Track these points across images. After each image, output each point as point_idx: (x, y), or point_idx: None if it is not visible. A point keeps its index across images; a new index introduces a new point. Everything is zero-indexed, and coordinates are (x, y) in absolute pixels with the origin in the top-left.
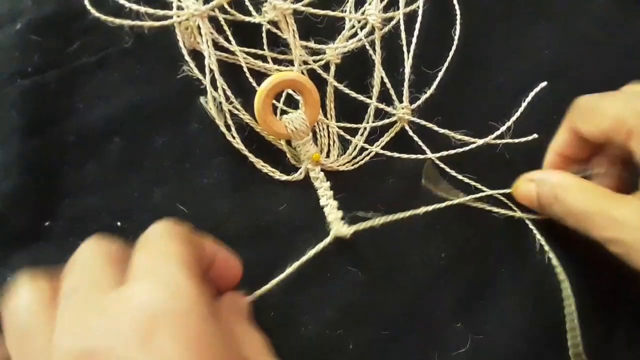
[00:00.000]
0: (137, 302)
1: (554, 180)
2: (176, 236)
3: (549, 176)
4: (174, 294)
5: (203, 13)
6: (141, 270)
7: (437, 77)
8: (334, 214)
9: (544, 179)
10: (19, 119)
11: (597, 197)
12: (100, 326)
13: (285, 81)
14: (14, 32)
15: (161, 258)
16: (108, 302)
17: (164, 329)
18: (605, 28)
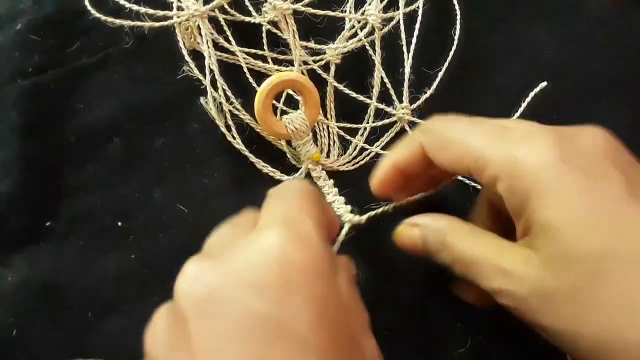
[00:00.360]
0: (267, 247)
1: (441, 225)
2: (313, 197)
3: (435, 221)
4: (307, 248)
5: (203, 13)
6: (274, 218)
7: (437, 77)
8: (344, 207)
9: (429, 225)
10: (19, 119)
11: (486, 244)
12: (228, 264)
13: (286, 81)
14: (14, 32)
15: (296, 211)
16: (239, 243)
17: (291, 282)
18: (605, 28)
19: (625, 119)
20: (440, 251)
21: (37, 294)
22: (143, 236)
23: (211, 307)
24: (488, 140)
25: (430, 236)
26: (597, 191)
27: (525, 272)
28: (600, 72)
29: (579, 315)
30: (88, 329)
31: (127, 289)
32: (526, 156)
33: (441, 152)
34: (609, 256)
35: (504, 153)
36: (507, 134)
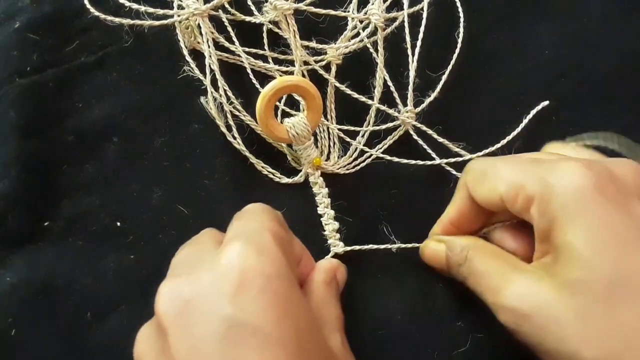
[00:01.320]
0: (230, 259)
1: (466, 242)
2: (273, 216)
3: (460, 238)
4: (267, 256)
5: (203, 12)
6: (236, 234)
7: (440, 80)
8: (332, 224)
9: (454, 240)
10: (17, 118)
11: (503, 261)
12: (197, 279)
13: (289, 86)
14: (13, 31)
15: (256, 227)
16: (206, 260)
17: (253, 286)
18: (606, 29)
19: (626, 119)
20: (461, 266)
21: (36, 294)
22: (142, 237)
23: (186, 318)
24: (522, 167)
25: (455, 252)
26: (622, 223)
27: (534, 290)
28: (601, 73)
29: (582, 339)
30: (87, 330)
31: (126, 289)
32: (559, 180)
33: (479, 187)
34: (624, 285)
35: (537, 177)
36: (541, 162)
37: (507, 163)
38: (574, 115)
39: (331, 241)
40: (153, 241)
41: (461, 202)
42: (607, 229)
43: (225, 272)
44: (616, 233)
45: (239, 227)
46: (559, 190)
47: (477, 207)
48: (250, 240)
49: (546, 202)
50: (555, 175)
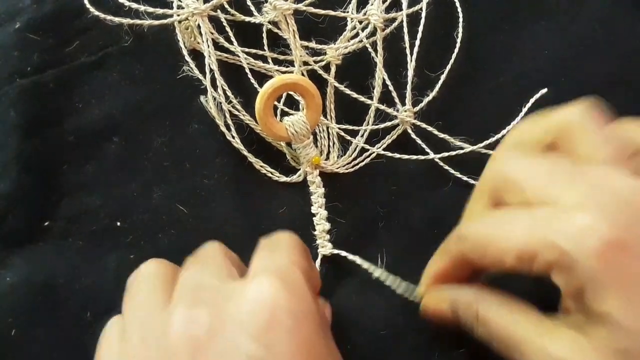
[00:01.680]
0: (259, 294)
1: (470, 296)
2: (302, 250)
3: (463, 292)
4: (297, 295)
5: (203, 12)
6: (265, 268)
7: (439, 79)
8: (322, 225)
9: (457, 297)
10: (17, 118)
11: (525, 321)
12: (219, 311)
13: (288, 84)
14: (13, 31)
15: (286, 263)
16: (228, 289)
17: (281, 326)
18: (605, 29)
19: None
20: (475, 327)
21: (36, 294)
22: (142, 236)
23: (203, 351)
24: (529, 228)
25: (460, 309)
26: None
27: (573, 357)
28: (601, 73)
29: None
30: (87, 329)
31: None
32: (575, 246)
33: (484, 257)
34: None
35: (549, 243)
36: (543, 221)
37: (509, 225)
38: None
39: (319, 241)
40: (153, 241)
41: (452, 262)
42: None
43: (253, 308)
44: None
45: (268, 259)
46: (577, 256)
47: (471, 266)
48: (280, 276)
49: (567, 270)
50: (568, 239)
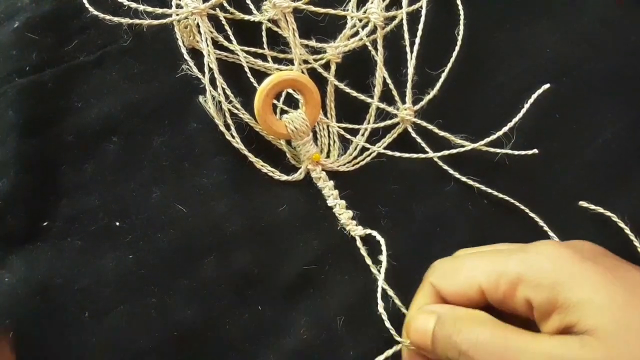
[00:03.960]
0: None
1: (459, 312)
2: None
3: (452, 309)
4: None
5: (202, 11)
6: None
7: (440, 77)
8: (346, 213)
9: (446, 313)
10: (16, 118)
11: (516, 335)
12: None
13: (286, 81)
14: (12, 30)
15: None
16: None
17: None
18: (607, 27)
19: (627, 119)
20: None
21: (35, 294)
22: (141, 236)
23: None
24: (495, 257)
25: (445, 324)
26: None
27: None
28: (603, 72)
29: None
30: (85, 329)
31: (124, 289)
32: (544, 252)
33: (450, 283)
34: None
35: (519, 259)
36: (511, 250)
37: (478, 256)
38: (575, 114)
39: (350, 227)
40: (152, 241)
41: (428, 297)
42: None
43: None
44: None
45: None
46: (547, 258)
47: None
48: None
49: (538, 274)
50: (537, 251)
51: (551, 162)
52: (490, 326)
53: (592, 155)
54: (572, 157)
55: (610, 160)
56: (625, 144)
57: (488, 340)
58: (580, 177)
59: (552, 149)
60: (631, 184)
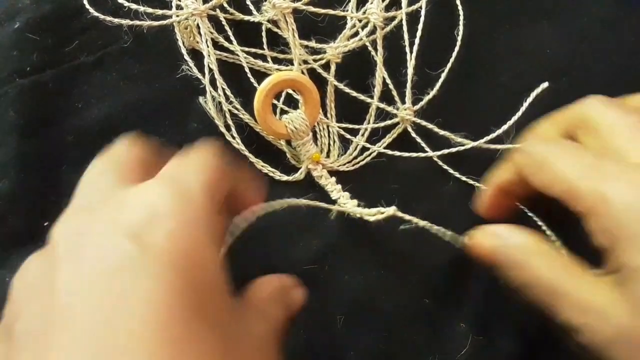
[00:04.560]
0: (141, 196)
1: (521, 241)
2: (215, 164)
3: (515, 235)
4: (185, 201)
5: (202, 12)
6: (165, 175)
7: (439, 77)
8: (351, 202)
9: (508, 238)
10: (17, 118)
11: (567, 274)
12: (102, 213)
13: (286, 81)
14: (12, 31)
15: (187, 170)
16: (120, 194)
17: (161, 227)
18: (608, 27)
19: None
20: (511, 269)
21: None
22: None
23: (82, 248)
24: (580, 171)
25: (505, 250)
26: None
27: (612, 314)
28: (603, 72)
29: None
30: None
31: None
32: (618, 196)
33: (534, 176)
34: None
35: (594, 188)
36: (603, 167)
37: (565, 160)
38: None
39: (361, 212)
40: None
41: (510, 175)
42: None
43: (135, 209)
44: None
45: (172, 165)
46: (619, 206)
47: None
48: (171, 181)
49: (605, 217)
50: (616, 188)
51: None
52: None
53: None
54: None
55: None
56: None
57: (546, 282)
58: None
59: None
60: None
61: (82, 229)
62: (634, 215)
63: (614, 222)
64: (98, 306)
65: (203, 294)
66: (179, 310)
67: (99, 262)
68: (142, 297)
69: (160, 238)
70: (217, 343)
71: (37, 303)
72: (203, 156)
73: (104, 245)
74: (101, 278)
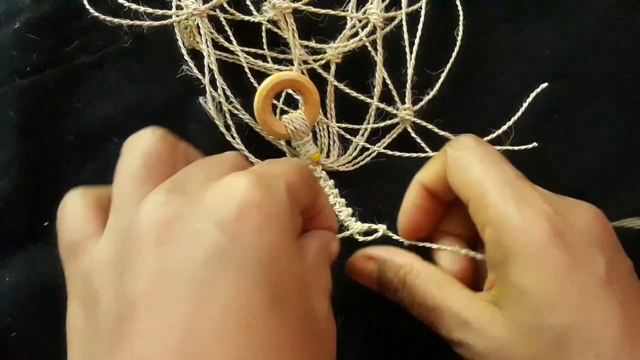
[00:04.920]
0: (232, 187)
1: (401, 262)
2: (297, 169)
3: (395, 257)
4: (271, 197)
5: (202, 12)
6: (254, 171)
7: (439, 77)
8: (346, 210)
9: (387, 260)
10: (17, 118)
11: (451, 293)
12: (193, 199)
13: (286, 81)
14: (12, 31)
15: (274, 171)
16: (211, 183)
17: (250, 220)
18: (607, 27)
19: (627, 118)
20: (398, 290)
21: (36, 294)
22: None
23: (171, 233)
24: (499, 185)
25: (387, 273)
26: (577, 271)
27: (489, 329)
28: (603, 72)
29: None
30: None
31: None
32: (522, 218)
33: (456, 172)
34: (573, 335)
35: (506, 205)
36: (517, 191)
37: (489, 170)
38: (575, 114)
39: (349, 223)
40: None
41: (437, 169)
42: (563, 277)
43: (223, 199)
44: (572, 282)
45: (262, 165)
46: (521, 227)
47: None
48: (259, 177)
49: (504, 233)
50: (523, 211)
51: (550, 162)
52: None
53: (591, 155)
54: (571, 157)
55: (610, 160)
56: (624, 144)
57: (429, 301)
58: (579, 177)
59: (552, 149)
60: (630, 184)
61: (174, 212)
62: (533, 240)
63: (512, 240)
64: (186, 294)
65: (284, 286)
66: (260, 303)
67: (188, 251)
68: (230, 288)
69: (248, 231)
70: (294, 330)
71: (112, 288)
72: (290, 162)
73: (194, 234)
74: (189, 266)
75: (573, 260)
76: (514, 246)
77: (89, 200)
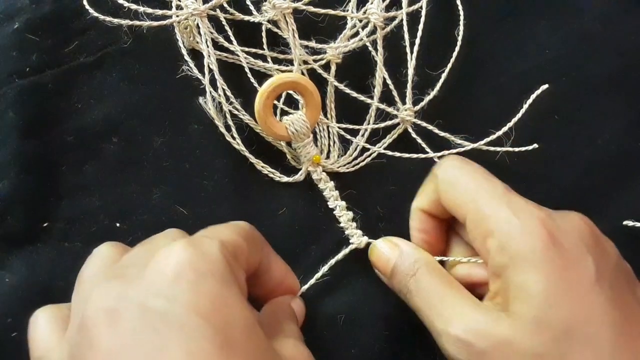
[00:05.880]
0: (166, 255)
1: (421, 256)
2: (235, 229)
3: (416, 250)
4: (204, 256)
5: (202, 12)
6: (187, 239)
7: (440, 78)
8: (346, 214)
9: (408, 251)
10: (16, 119)
11: (455, 292)
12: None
13: (287, 83)
14: (12, 31)
15: (207, 234)
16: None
17: (185, 279)
18: (606, 28)
19: (627, 118)
20: (408, 280)
21: (35, 295)
22: (142, 237)
23: (118, 314)
24: (494, 198)
25: (405, 262)
26: (570, 270)
27: (493, 328)
28: (602, 72)
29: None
30: None
31: None
32: (523, 224)
33: (448, 193)
34: (578, 332)
35: (505, 214)
36: (511, 201)
37: (482, 185)
38: (575, 114)
39: (349, 231)
40: None
41: (432, 194)
42: (561, 278)
43: (159, 268)
44: (569, 282)
45: (199, 232)
46: (523, 233)
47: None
48: (192, 242)
49: (508, 239)
50: (523, 218)
51: (551, 163)
52: (437, 277)
53: (591, 156)
54: (572, 158)
55: (610, 161)
56: (624, 144)
57: (434, 295)
58: (579, 177)
59: (552, 149)
60: (630, 184)
61: (115, 298)
62: (533, 242)
63: (516, 245)
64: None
65: (232, 331)
66: (210, 351)
67: (136, 324)
68: (181, 347)
69: (185, 290)
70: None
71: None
72: (228, 224)
73: (138, 308)
74: (140, 338)
75: (566, 261)
76: (519, 249)
77: (51, 316)
